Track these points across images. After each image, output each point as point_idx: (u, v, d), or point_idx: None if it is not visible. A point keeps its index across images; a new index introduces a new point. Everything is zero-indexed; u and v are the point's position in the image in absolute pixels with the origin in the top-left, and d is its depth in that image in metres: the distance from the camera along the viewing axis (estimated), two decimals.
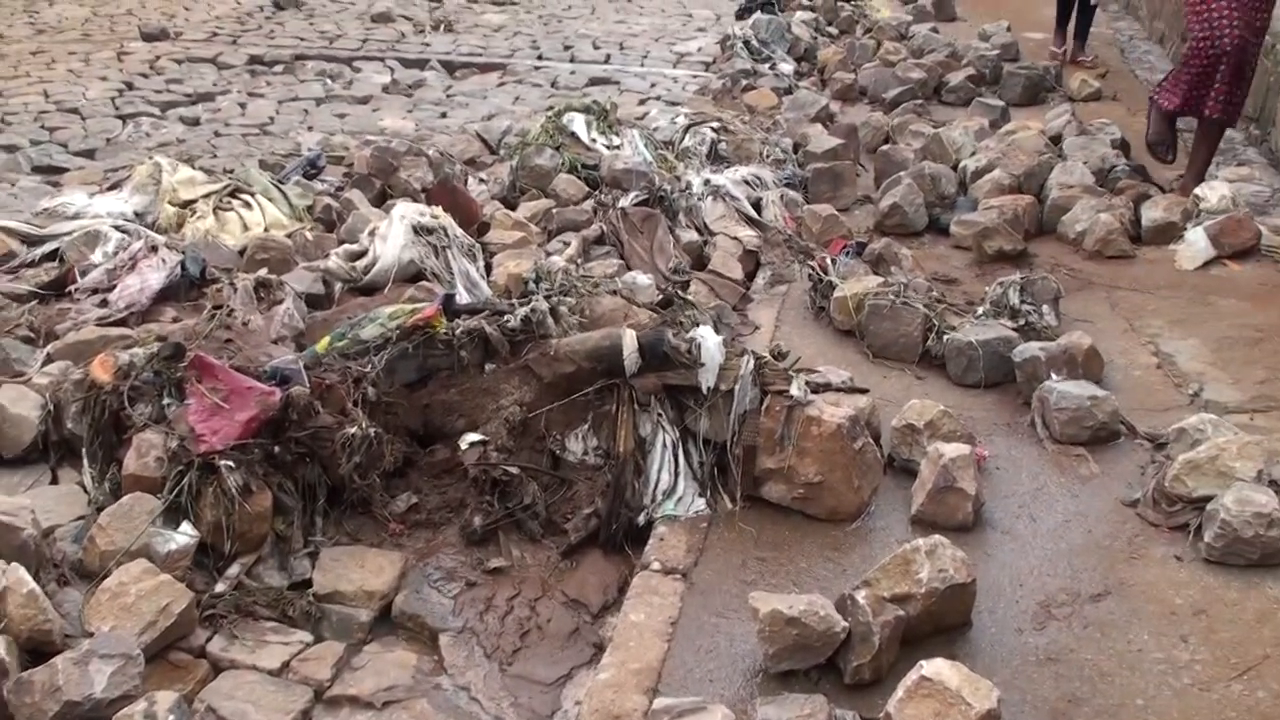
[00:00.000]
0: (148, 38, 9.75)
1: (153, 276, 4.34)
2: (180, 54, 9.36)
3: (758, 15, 9.70)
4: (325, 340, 3.67)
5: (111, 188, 5.40)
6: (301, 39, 10.01)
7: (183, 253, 4.54)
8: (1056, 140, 6.45)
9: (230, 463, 3.13)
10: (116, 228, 4.73)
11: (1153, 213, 5.42)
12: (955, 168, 6.13)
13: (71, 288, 4.40)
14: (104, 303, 4.29)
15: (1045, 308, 4.44)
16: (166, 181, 5.19)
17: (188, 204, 5.16)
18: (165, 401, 3.34)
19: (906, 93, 7.75)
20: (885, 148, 6.48)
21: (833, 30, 10.19)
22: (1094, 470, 3.57)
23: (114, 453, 3.33)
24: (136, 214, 5.07)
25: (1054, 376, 3.89)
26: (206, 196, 5.21)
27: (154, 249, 4.54)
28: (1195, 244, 5.13)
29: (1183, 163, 6.56)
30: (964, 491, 3.27)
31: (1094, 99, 7.78)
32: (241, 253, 4.79)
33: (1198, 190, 5.58)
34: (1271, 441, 3.57)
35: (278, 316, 4.07)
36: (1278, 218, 5.58)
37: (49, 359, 3.89)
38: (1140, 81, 8.43)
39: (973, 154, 6.24)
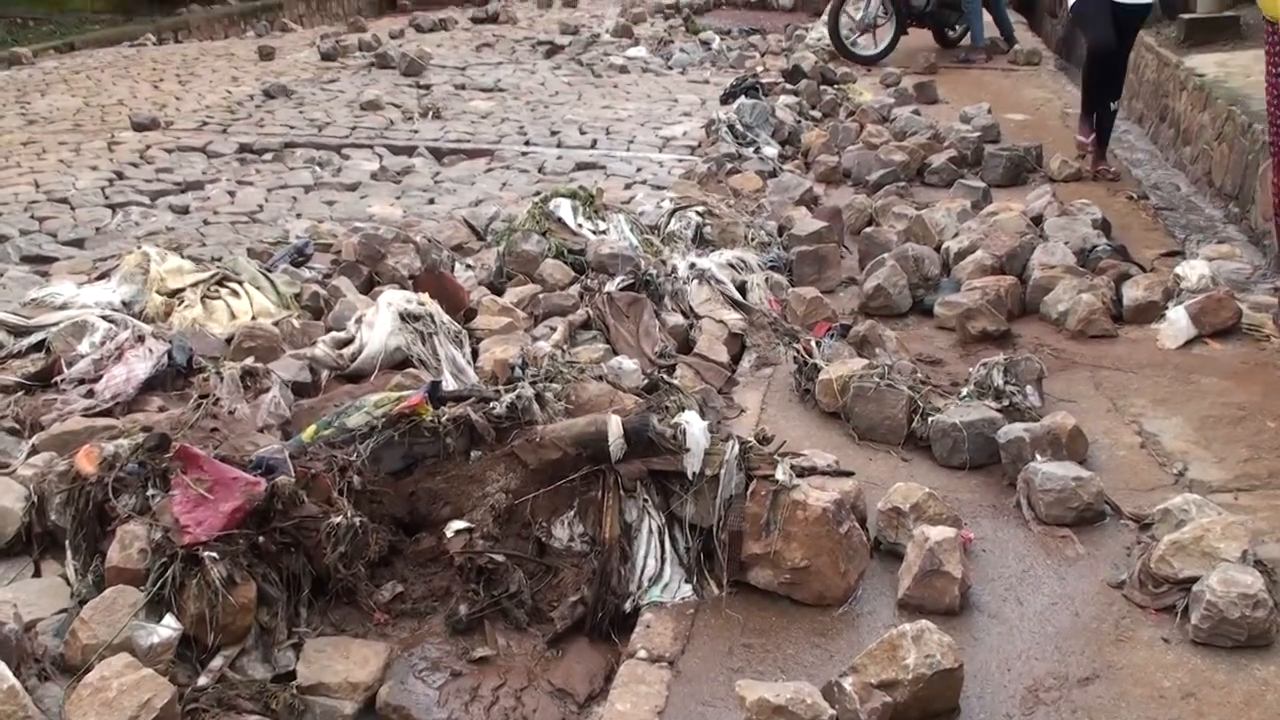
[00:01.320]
0: (138, 127, 9.85)
1: (139, 366, 4.34)
2: (170, 143, 9.46)
3: (742, 100, 9.83)
4: (311, 429, 3.69)
5: (100, 277, 5.42)
6: (291, 127, 10.12)
7: (169, 342, 4.55)
8: (1038, 221, 6.51)
9: (214, 554, 3.11)
10: (104, 318, 4.75)
11: (1134, 292, 5.46)
12: (938, 249, 6.18)
13: (58, 378, 4.39)
14: (90, 393, 4.28)
15: (1029, 388, 4.46)
16: (154, 271, 5.22)
17: (175, 293, 5.18)
18: (150, 493, 3.33)
19: (889, 175, 7.83)
20: (869, 230, 6.53)
21: (816, 114, 10.31)
22: (1080, 551, 3.57)
23: (98, 545, 3.32)
24: (124, 303, 5.08)
25: (1038, 457, 3.90)
26: (194, 285, 5.22)
27: (141, 338, 4.54)
28: (1177, 323, 5.17)
29: (1163, 241, 6.65)
30: (950, 575, 3.27)
31: (1074, 179, 7.87)
32: (229, 341, 4.79)
33: (1178, 269, 5.64)
34: (1256, 521, 3.59)
35: (264, 405, 4.07)
36: (1259, 295, 5.62)
37: (34, 450, 3.88)
38: (1119, 160, 8.53)
39: (955, 235, 6.30)
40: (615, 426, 3.45)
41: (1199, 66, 8.66)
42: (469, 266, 6.17)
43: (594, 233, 6.17)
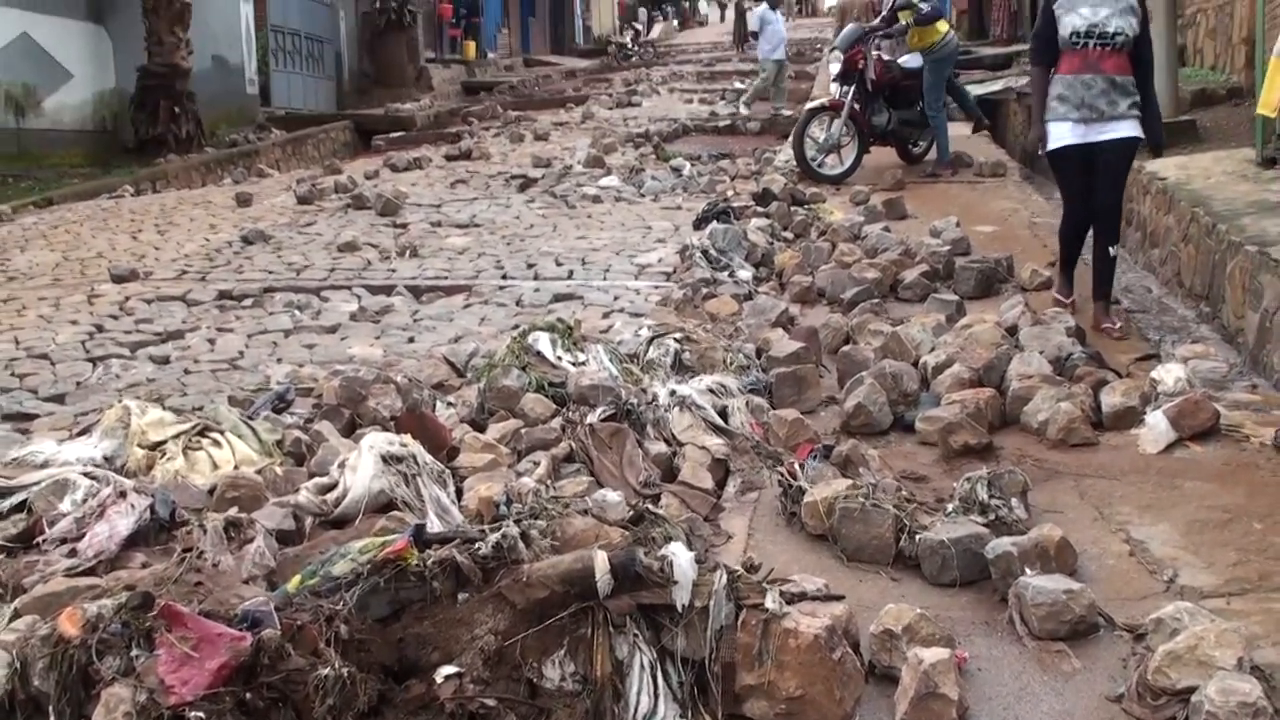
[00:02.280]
0: (118, 279, 9.92)
1: (121, 523, 4.32)
2: (150, 293, 9.52)
3: (714, 224, 9.95)
4: (296, 579, 3.66)
5: (81, 433, 5.41)
6: (270, 271, 10.20)
7: (152, 496, 4.52)
8: (1012, 331, 6.58)
9: (200, 713, 3.06)
10: (85, 474, 4.72)
11: (1112, 398, 5.51)
12: (916, 364, 6.23)
13: (40, 539, 4.36)
14: (73, 552, 4.24)
15: (1014, 501, 4.47)
16: (135, 424, 5.21)
17: (157, 445, 5.17)
18: (134, 653, 3.28)
19: (863, 292, 7.90)
20: (846, 348, 6.58)
21: (788, 235, 10.43)
22: (1076, 666, 3.54)
23: (82, 709, 3.26)
24: (106, 459, 5.06)
25: (1028, 571, 3.89)
26: (176, 437, 5.22)
27: (123, 494, 4.52)
28: (1156, 427, 5.20)
29: (1136, 345, 6.71)
30: (947, 697, 3.24)
31: (1045, 288, 7.95)
32: (211, 492, 4.78)
33: (1154, 373, 5.68)
34: (1250, 626, 3.57)
35: (248, 556, 4.04)
36: (1237, 392, 5.68)
37: (16, 614, 3.82)
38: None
39: (932, 350, 6.36)
40: (602, 562, 3.44)
41: (1160, 170, 8.84)
42: (450, 404, 6.17)
43: (574, 364, 6.20)
